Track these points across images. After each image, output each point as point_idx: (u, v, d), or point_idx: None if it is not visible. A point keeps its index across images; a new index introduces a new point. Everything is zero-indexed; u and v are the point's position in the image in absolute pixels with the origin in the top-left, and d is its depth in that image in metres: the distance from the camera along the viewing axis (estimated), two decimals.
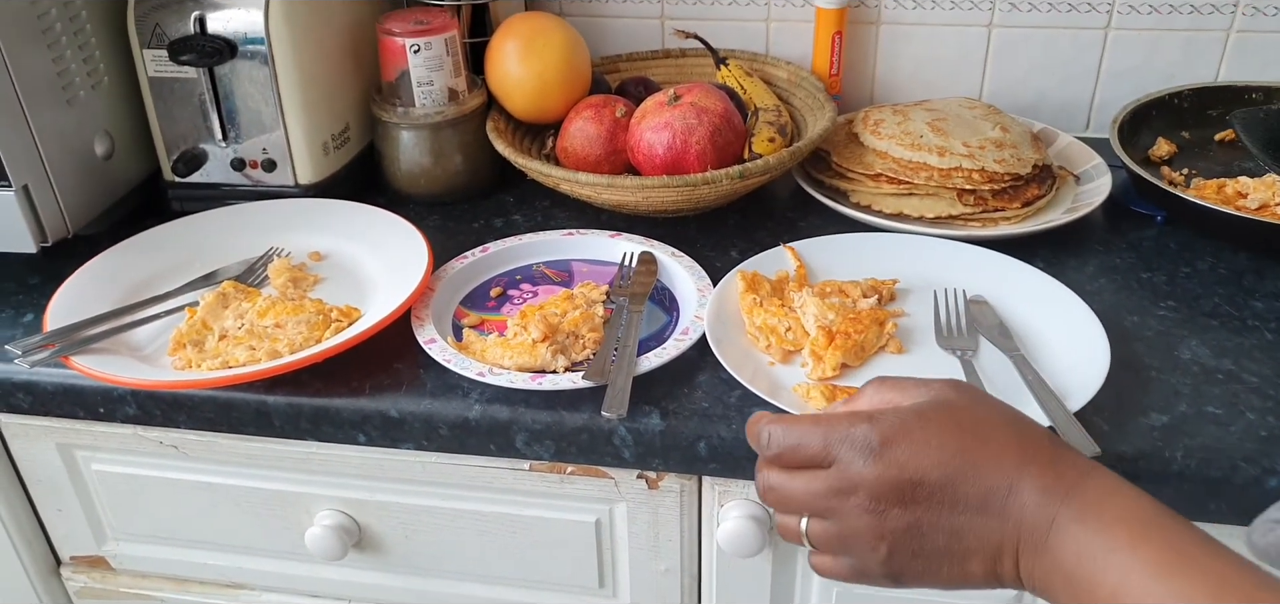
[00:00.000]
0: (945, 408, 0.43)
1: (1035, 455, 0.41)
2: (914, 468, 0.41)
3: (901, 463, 0.41)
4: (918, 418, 0.42)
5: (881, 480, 0.41)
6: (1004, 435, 0.42)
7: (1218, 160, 0.90)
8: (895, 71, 1.00)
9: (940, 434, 0.42)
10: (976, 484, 0.41)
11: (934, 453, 0.41)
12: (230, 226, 0.82)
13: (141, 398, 0.67)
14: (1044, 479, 0.40)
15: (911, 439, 0.42)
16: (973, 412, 0.43)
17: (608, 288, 0.74)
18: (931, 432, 0.42)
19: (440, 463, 0.68)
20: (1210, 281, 0.74)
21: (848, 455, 0.42)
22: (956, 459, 0.41)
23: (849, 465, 0.42)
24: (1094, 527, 0.39)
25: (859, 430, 0.42)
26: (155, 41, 0.79)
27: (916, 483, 0.41)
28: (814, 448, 0.43)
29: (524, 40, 0.87)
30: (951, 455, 0.41)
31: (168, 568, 0.80)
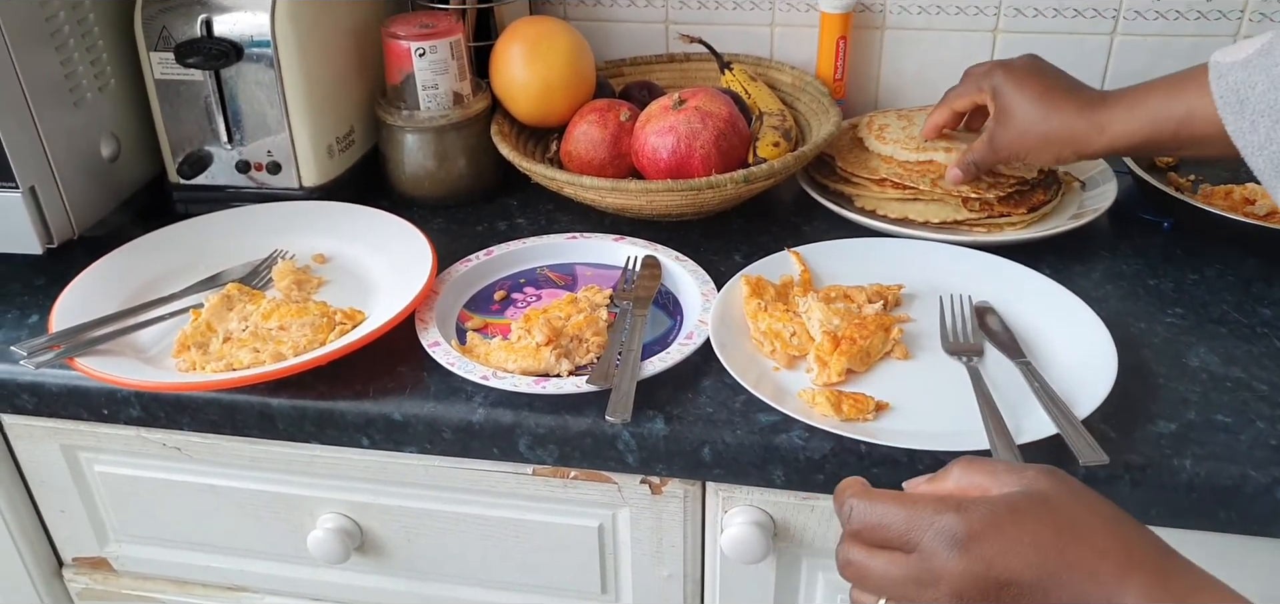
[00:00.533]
0: (1041, 501, 0.40)
1: (1140, 563, 0.38)
2: (1002, 567, 0.38)
3: (989, 559, 0.38)
4: (1010, 511, 0.39)
5: (966, 576, 0.39)
6: (1106, 537, 0.39)
7: (1224, 166, 0.89)
8: (900, 76, 1.00)
9: (1035, 531, 0.39)
10: (1071, 590, 0.38)
11: (1026, 552, 0.38)
12: (235, 229, 0.82)
13: (145, 399, 0.67)
14: (1150, 591, 0.37)
15: (1002, 534, 0.39)
16: (1071, 508, 0.40)
17: (611, 291, 0.74)
18: (1025, 528, 0.39)
19: (443, 466, 0.68)
20: (1218, 288, 0.74)
21: (932, 544, 0.40)
22: (1051, 561, 0.38)
23: (933, 556, 0.40)
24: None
25: (945, 520, 0.40)
26: (162, 44, 0.79)
27: (1004, 584, 0.38)
28: (897, 530, 0.41)
29: (529, 44, 0.87)
30: (1047, 556, 0.38)
31: (170, 570, 0.80)
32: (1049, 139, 0.72)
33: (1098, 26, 0.94)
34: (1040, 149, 0.73)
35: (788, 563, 0.68)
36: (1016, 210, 0.80)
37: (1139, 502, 0.58)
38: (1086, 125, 0.70)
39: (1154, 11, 0.92)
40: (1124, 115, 0.69)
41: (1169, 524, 0.59)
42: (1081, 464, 0.55)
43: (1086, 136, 0.70)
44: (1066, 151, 0.72)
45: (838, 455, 0.59)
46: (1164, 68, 0.75)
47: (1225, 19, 0.92)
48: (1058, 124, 0.71)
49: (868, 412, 0.61)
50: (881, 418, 0.61)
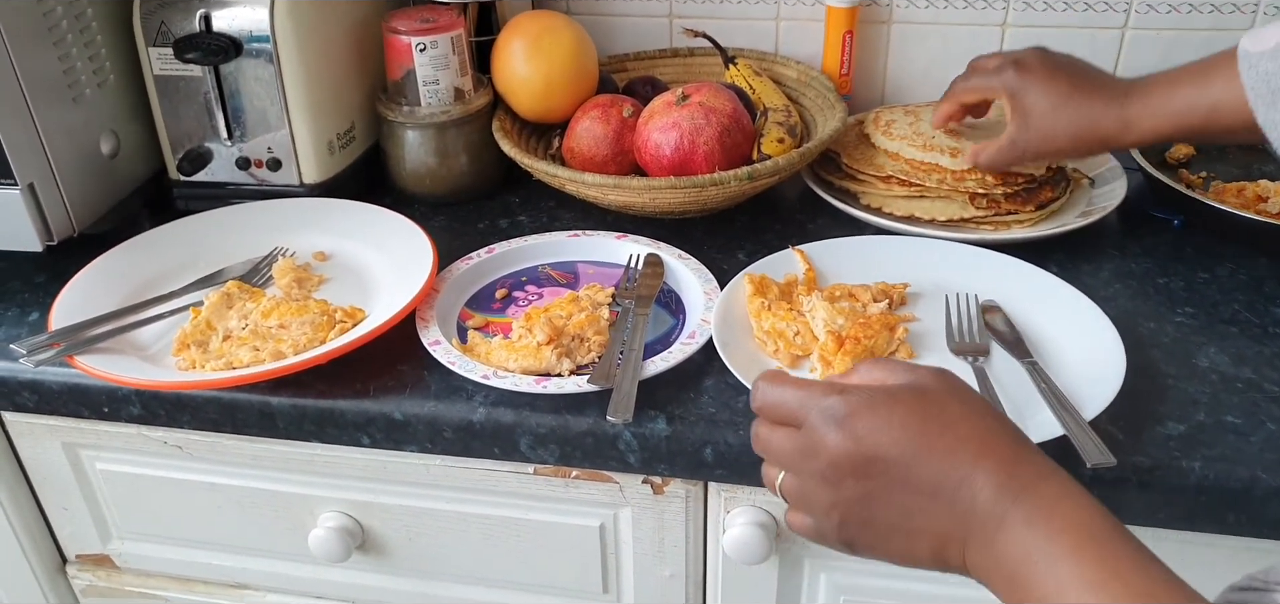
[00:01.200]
0: (916, 392, 0.44)
1: (993, 450, 0.42)
2: (872, 443, 0.42)
3: (859, 436, 0.42)
4: (886, 396, 0.43)
5: (840, 449, 0.43)
6: (967, 427, 0.42)
7: (1236, 163, 0.88)
8: (907, 72, 0.99)
9: (904, 415, 0.42)
10: (930, 469, 0.42)
11: (894, 432, 0.42)
12: (235, 226, 0.81)
13: (145, 398, 0.66)
14: (998, 476, 0.41)
15: (875, 415, 0.43)
16: (942, 400, 0.43)
17: (614, 290, 0.73)
18: (896, 412, 0.43)
19: (444, 465, 0.68)
20: (1229, 287, 0.73)
21: (816, 420, 0.44)
22: (915, 441, 0.42)
23: (814, 430, 0.44)
24: (1041, 532, 0.39)
25: (829, 401, 0.44)
26: (161, 39, 0.79)
27: (871, 458, 0.42)
28: (790, 407, 0.45)
29: (531, 39, 0.86)
30: (911, 436, 0.42)
31: (172, 567, 0.80)
32: (1077, 140, 0.71)
33: (1109, 20, 0.93)
34: (1067, 150, 0.73)
35: (790, 564, 0.67)
36: (1024, 208, 0.79)
37: (1147, 504, 0.57)
38: (1114, 123, 0.69)
39: (1167, 4, 0.91)
40: (1151, 110, 0.68)
41: (1178, 527, 0.58)
42: (1089, 466, 0.54)
43: (1114, 134, 0.70)
44: (1094, 150, 0.73)
45: None
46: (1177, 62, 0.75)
47: (1239, 12, 0.90)
48: (1085, 125, 0.70)
49: None
50: None
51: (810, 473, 0.44)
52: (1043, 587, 0.38)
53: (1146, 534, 0.60)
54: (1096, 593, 0.37)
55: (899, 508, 0.42)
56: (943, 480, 0.41)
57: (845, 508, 0.44)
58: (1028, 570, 0.39)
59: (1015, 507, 0.40)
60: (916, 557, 0.43)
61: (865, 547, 0.45)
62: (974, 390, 0.45)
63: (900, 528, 0.43)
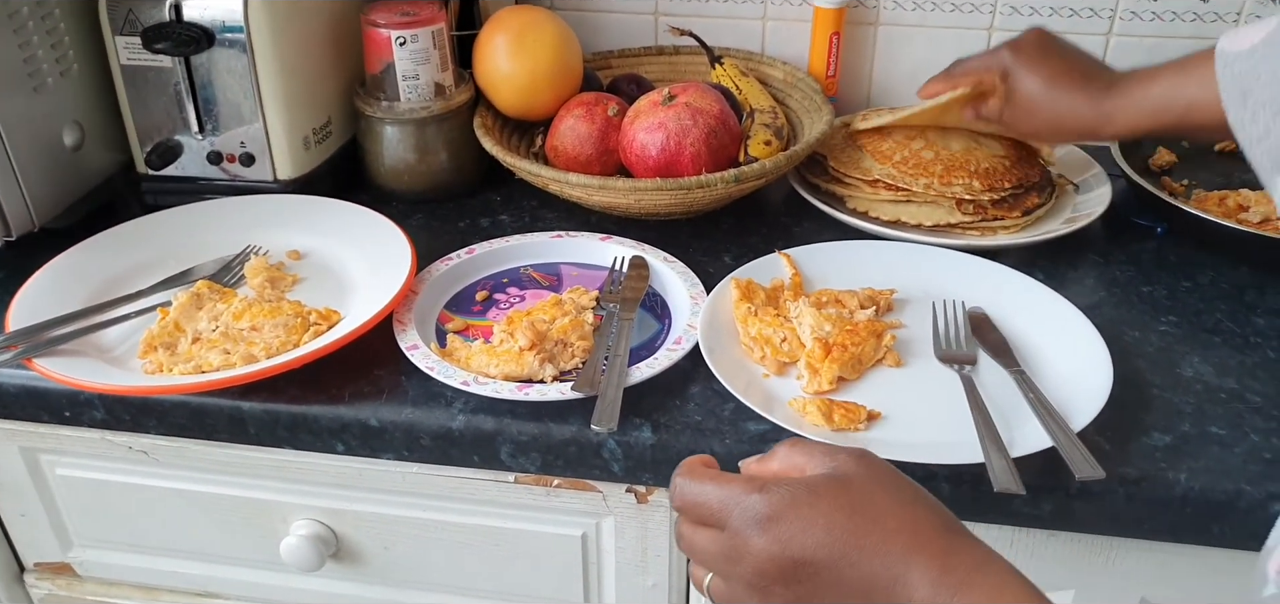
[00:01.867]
0: (840, 483, 0.42)
1: (926, 544, 0.40)
2: (798, 547, 0.40)
3: (785, 540, 0.41)
4: (808, 493, 0.41)
5: (765, 554, 0.41)
6: (896, 519, 0.41)
7: (1218, 171, 0.88)
8: (892, 74, 0.98)
9: (829, 513, 0.41)
10: (861, 569, 0.40)
11: (819, 534, 0.40)
12: (206, 223, 0.79)
13: (109, 402, 0.64)
14: (932, 571, 0.39)
15: (799, 516, 0.41)
16: (868, 490, 0.42)
17: (598, 293, 0.72)
18: (820, 510, 0.41)
19: (422, 473, 0.66)
20: (1212, 296, 0.73)
21: (738, 523, 0.42)
22: (842, 541, 0.40)
23: (738, 534, 0.42)
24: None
25: (750, 501, 0.42)
26: (128, 28, 0.76)
27: (799, 562, 0.40)
28: (712, 508, 0.43)
29: (514, 34, 0.84)
30: (838, 537, 0.40)
31: (136, 576, 0.78)
32: (1055, 127, 0.74)
33: (1094, 26, 0.93)
34: (1046, 134, 0.75)
35: None
36: (1010, 214, 0.79)
37: (1133, 515, 0.57)
38: (1094, 115, 0.70)
39: (1150, 11, 0.91)
40: (1130, 104, 0.69)
41: (1163, 538, 0.58)
42: (1078, 478, 0.54)
43: (1093, 126, 0.71)
44: (1071, 138, 0.75)
45: None
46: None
47: (1221, 20, 0.91)
48: (1065, 112, 0.72)
49: (859, 421, 0.59)
50: (873, 428, 0.60)
51: (737, 578, 0.43)
52: None
53: (1132, 546, 0.61)
54: None
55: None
56: (875, 581, 0.40)
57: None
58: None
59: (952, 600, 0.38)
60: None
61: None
62: (898, 473, 0.44)
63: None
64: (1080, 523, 0.57)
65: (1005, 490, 0.53)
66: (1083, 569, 0.62)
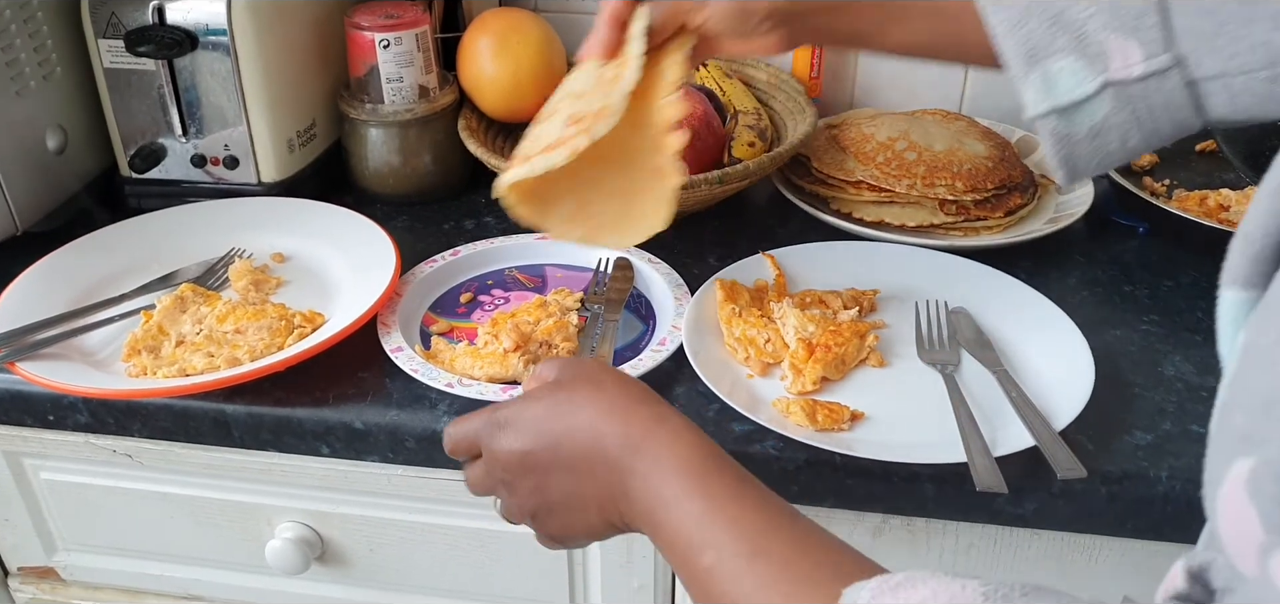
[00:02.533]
0: (553, 384, 0.48)
1: (612, 410, 0.45)
2: (525, 439, 0.47)
3: (511, 439, 0.47)
4: (525, 400, 0.48)
5: (506, 454, 0.47)
6: (592, 400, 0.46)
7: (1198, 170, 0.89)
8: (876, 76, 0.99)
9: (542, 408, 0.47)
10: (569, 446, 0.46)
11: (536, 423, 0.47)
12: (190, 226, 0.78)
13: (94, 406, 0.64)
14: (619, 431, 0.44)
15: (520, 416, 0.47)
16: (572, 383, 0.47)
17: (582, 295, 0.72)
18: (535, 407, 0.47)
19: (406, 475, 0.66)
20: (1192, 295, 0.73)
21: (487, 440, 0.48)
22: (552, 425, 0.46)
23: (488, 449, 0.48)
24: (658, 478, 0.43)
25: (491, 417, 0.49)
26: (111, 31, 0.76)
27: (524, 453, 0.47)
28: (469, 440, 0.50)
29: (498, 37, 0.84)
30: (549, 423, 0.46)
31: (121, 580, 0.77)
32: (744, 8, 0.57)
33: None
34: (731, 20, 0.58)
35: None
36: (993, 214, 0.80)
37: (1116, 514, 0.57)
38: None
39: None
40: None
41: (1146, 536, 0.58)
42: (1060, 477, 0.54)
43: None
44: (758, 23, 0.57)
45: (812, 466, 0.58)
46: None
47: None
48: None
49: (843, 421, 0.60)
50: (857, 428, 0.60)
51: (498, 485, 0.49)
52: (671, 529, 0.42)
53: (1115, 544, 0.61)
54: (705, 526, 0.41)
55: (564, 488, 0.46)
56: (582, 452, 0.45)
57: (529, 504, 0.48)
58: (660, 515, 0.42)
59: (637, 458, 0.44)
60: (594, 527, 0.47)
61: (560, 532, 0.48)
62: (609, 369, 0.50)
63: (572, 505, 0.46)
64: (1063, 522, 0.58)
65: (988, 489, 0.53)
66: (1065, 568, 0.62)
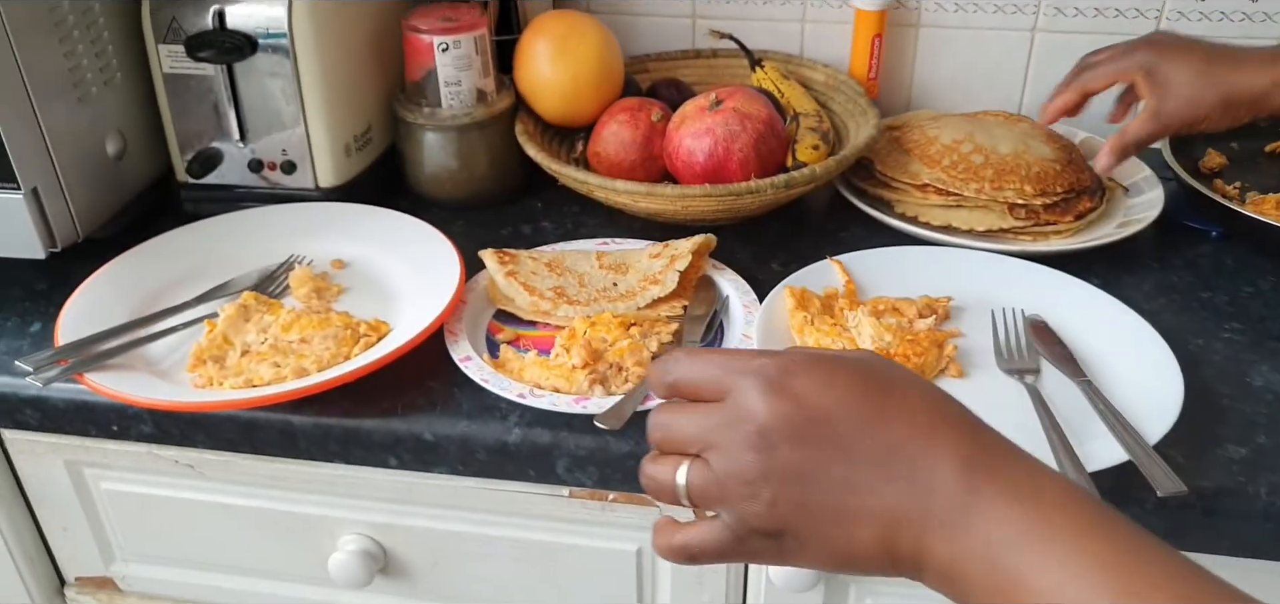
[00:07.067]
0: (859, 359, 0.39)
1: (951, 418, 0.36)
2: (815, 402, 0.36)
3: (798, 395, 0.36)
4: (826, 358, 0.38)
5: (776, 411, 0.36)
6: (918, 394, 0.37)
7: (1269, 173, 0.87)
8: (934, 76, 0.97)
9: (849, 377, 0.37)
10: (881, 435, 0.35)
11: (839, 391, 0.36)
12: (247, 231, 0.78)
13: (159, 417, 0.63)
14: (963, 447, 0.35)
15: (814, 374, 0.37)
16: (888, 370, 0.38)
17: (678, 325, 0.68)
18: (840, 373, 0.37)
19: (474, 487, 0.65)
20: (1274, 302, 0.71)
21: (743, 384, 0.37)
22: (864, 403, 0.36)
23: (743, 395, 0.37)
24: (1032, 510, 0.33)
25: (759, 362, 0.37)
26: (171, 36, 0.75)
27: (813, 418, 0.36)
28: (711, 376, 0.38)
29: (556, 39, 0.83)
30: (860, 398, 0.36)
31: (180, 591, 0.77)
32: (1227, 104, 0.71)
33: (1140, 27, 0.91)
34: (1214, 117, 0.72)
35: (836, 591, 0.65)
36: (1063, 218, 0.78)
37: (1209, 532, 0.55)
38: (1263, 83, 0.70)
39: (1198, 11, 0.90)
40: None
41: (1241, 555, 0.56)
42: (1160, 495, 0.52)
43: (1262, 95, 0.70)
44: (1244, 113, 0.72)
45: None
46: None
47: (1270, 19, 0.89)
48: (1234, 88, 0.70)
49: None
50: None
51: (734, 444, 0.36)
52: (1039, 580, 0.32)
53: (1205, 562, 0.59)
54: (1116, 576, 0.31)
55: (841, 483, 0.36)
56: (895, 449, 0.35)
57: (777, 483, 0.36)
58: (1018, 557, 0.33)
59: (991, 482, 0.34)
60: (856, 551, 0.36)
61: (796, 537, 0.37)
62: None
63: (841, 510, 0.36)
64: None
65: None
66: None
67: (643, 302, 0.68)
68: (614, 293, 0.70)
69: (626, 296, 0.69)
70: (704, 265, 0.74)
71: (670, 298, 0.69)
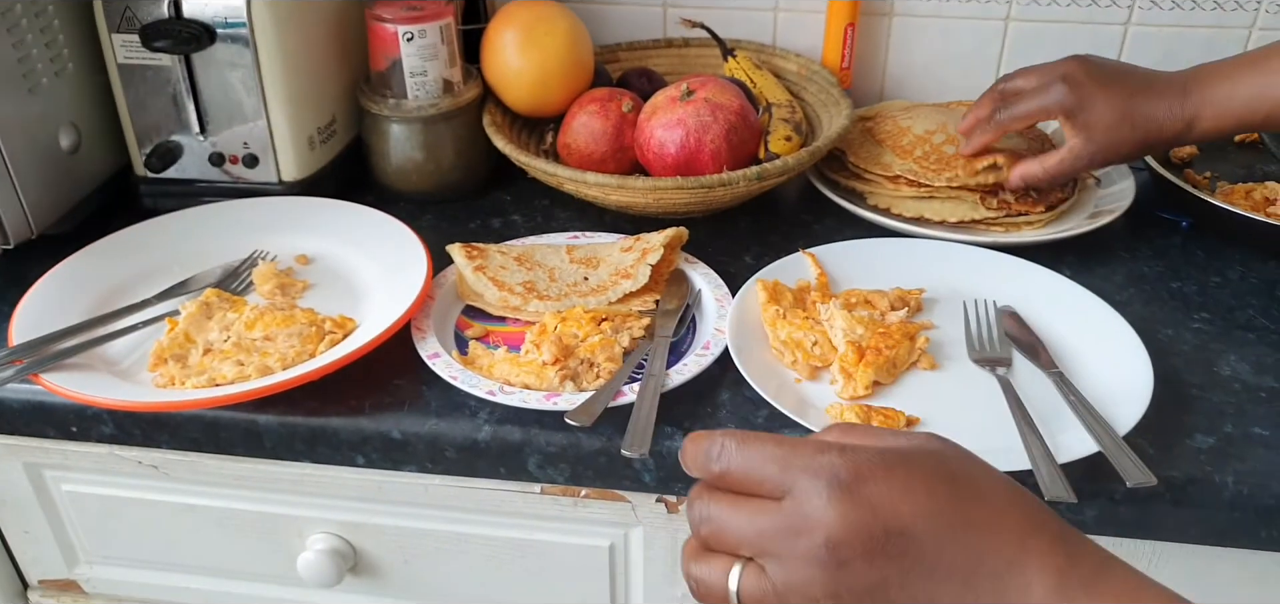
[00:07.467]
0: (934, 455, 0.35)
1: (1042, 529, 0.34)
2: (891, 513, 0.33)
3: (875, 505, 0.33)
4: (900, 457, 0.34)
5: (846, 522, 0.33)
6: (1006, 499, 0.34)
7: (1238, 163, 0.88)
8: (907, 66, 0.97)
9: (929, 481, 0.34)
10: (967, 545, 0.33)
11: (919, 500, 0.33)
12: (209, 227, 0.76)
13: (120, 417, 0.61)
14: (1055, 560, 0.33)
15: (893, 479, 0.33)
16: (967, 465, 0.35)
17: (648, 324, 0.67)
18: (917, 476, 0.33)
19: (444, 485, 0.64)
20: (1243, 292, 0.72)
21: (808, 486, 0.33)
22: (947, 513, 0.33)
23: (808, 499, 0.33)
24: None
25: (827, 459, 0.34)
26: (126, 26, 0.73)
27: (893, 533, 0.33)
28: (770, 473, 0.35)
29: (524, 29, 0.81)
30: (942, 507, 0.33)
31: (146, 592, 0.75)
32: (1144, 146, 0.70)
33: (1112, 16, 0.91)
34: (1132, 155, 0.72)
35: None
36: (1035, 209, 0.78)
37: (1178, 521, 0.56)
38: (1178, 124, 0.69)
39: (1170, 1, 0.90)
40: (1216, 106, 0.68)
41: (1209, 542, 0.57)
42: (1129, 485, 0.52)
43: (1179, 134, 0.69)
44: (1158, 151, 0.73)
45: None
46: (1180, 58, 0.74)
47: (1241, 9, 0.89)
48: (1152, 130, 0.69)
49: (899, 427, 0.58)
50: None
51: (796, 557, 0.33)
52: None
53: (1174, 550, 0.59)
54: None
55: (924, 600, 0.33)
56: (981, 563, 0.32)
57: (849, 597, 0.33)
58: None
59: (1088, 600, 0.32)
60: None
61: None
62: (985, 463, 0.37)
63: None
64: (1124, 528, 0.56)
65: (1055, 499, 0.51)
66: None
67: (614, 296, 0.68)
68: (585, 287, 0.69)
69: (598, 291, 0.68)
70: (676, 259, 0.73)
71: (642, 292, 0.68)
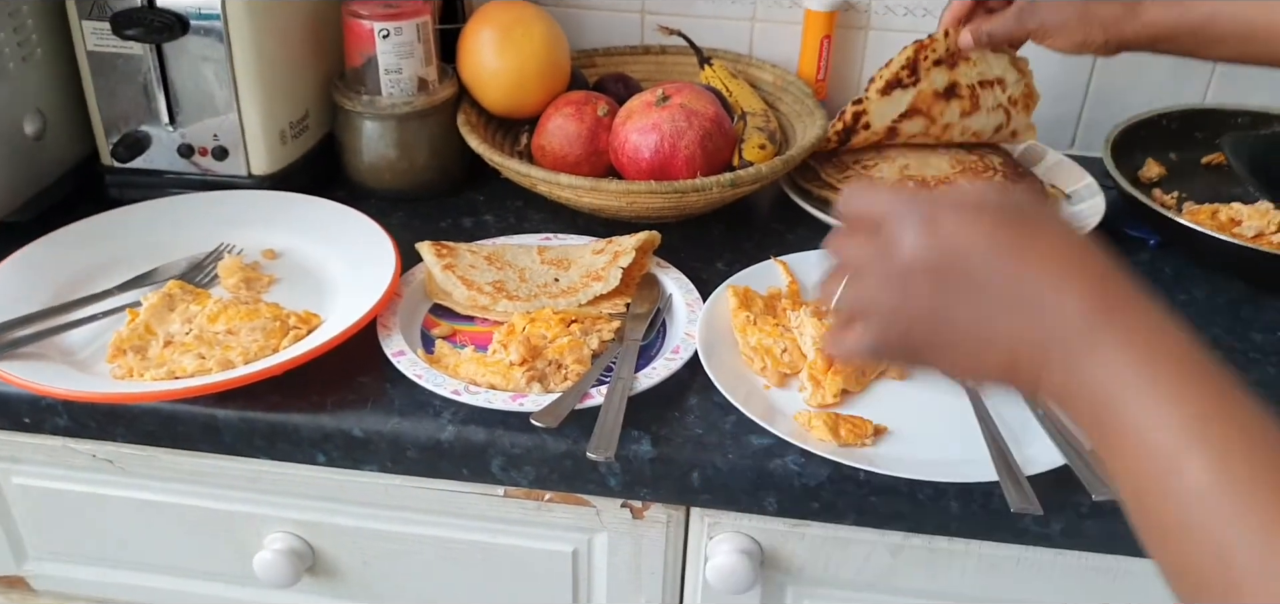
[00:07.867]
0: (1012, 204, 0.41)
1: (1087, 266, 0.38)
2: (953, 242, 0.40)
3: (942, 236, 0.40)
4: (976, 199, 0.41)
5: (917, 250, 0.41)
6: (1058, 235, 0.40)
7: (1206, 183, 0.88)
8: None
9: (994, 220, 0.40)
10: (1014, 269, 0.39)
11: (980, 234, 0.40)
12: (176, 219, 0.75)
13: (74, 409, 0.60)
14: (1091, 292, 0.37)
15: (963, 216, 0.41)
16: (1035, 208, 0.41)
17: (618, 326, 0.67)
18: (986, 216, 0.40)
19: (405, 486, 0.63)
20: (1207, 311, 0.73)
21: (900, 219, 0.42)
22: (1002, 248, 0.39)
23: (897, 227, 0.42)
24: (1139, 358, 0.36)
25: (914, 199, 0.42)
26: (96, 13, 0.72)
27: (952, 257, 0.40)
28: (876, 210, 0.43)
29: (501, 30, 0.81)
30: (1000, 242, 0.40)
31: (98, 591, 0.73)
32: (1086, 16, 0.71)
33: None
34: (1075, 26, 0.72)
35: (773, 592, 0.65)
36: None
37: None
38: (1123, 6, 0.70)
39: None
40: None
41: None
42: (1094, 499, 0.52)
43: (1120, 17, 0.70)
44: (1097, 33, 0.72)
45: (835, 483, 0.56)
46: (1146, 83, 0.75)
47: None
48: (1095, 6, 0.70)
49: (866, 436, 0.58)
50: (881, 443, 0.58)
51: (878, 276, 0.42)
52: (1135, 419, 0.35)
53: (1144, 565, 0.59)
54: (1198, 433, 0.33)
55: (974, 313, 0.40)
56: (1027, 288, 0.39)
57: (910, 321, 0.42)
58: (1119, 400, 0.35)
59: (1109, 327, 0.36)
60: (981, 371, 0.41)
61: (929, 356, 0.43)
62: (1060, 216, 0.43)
63: (971, 336, 0.40)
64: (1091, 542, 0.56)
65: (1022, 511, 0.51)
66: (1093, 589, 0.61)
67: (584, 298, 0.67)
68: (555, 289, 0.69)
69: (568, 293, 0.68)
70: (648, 263, 0.73)
71: (613, 295, 0.68)
